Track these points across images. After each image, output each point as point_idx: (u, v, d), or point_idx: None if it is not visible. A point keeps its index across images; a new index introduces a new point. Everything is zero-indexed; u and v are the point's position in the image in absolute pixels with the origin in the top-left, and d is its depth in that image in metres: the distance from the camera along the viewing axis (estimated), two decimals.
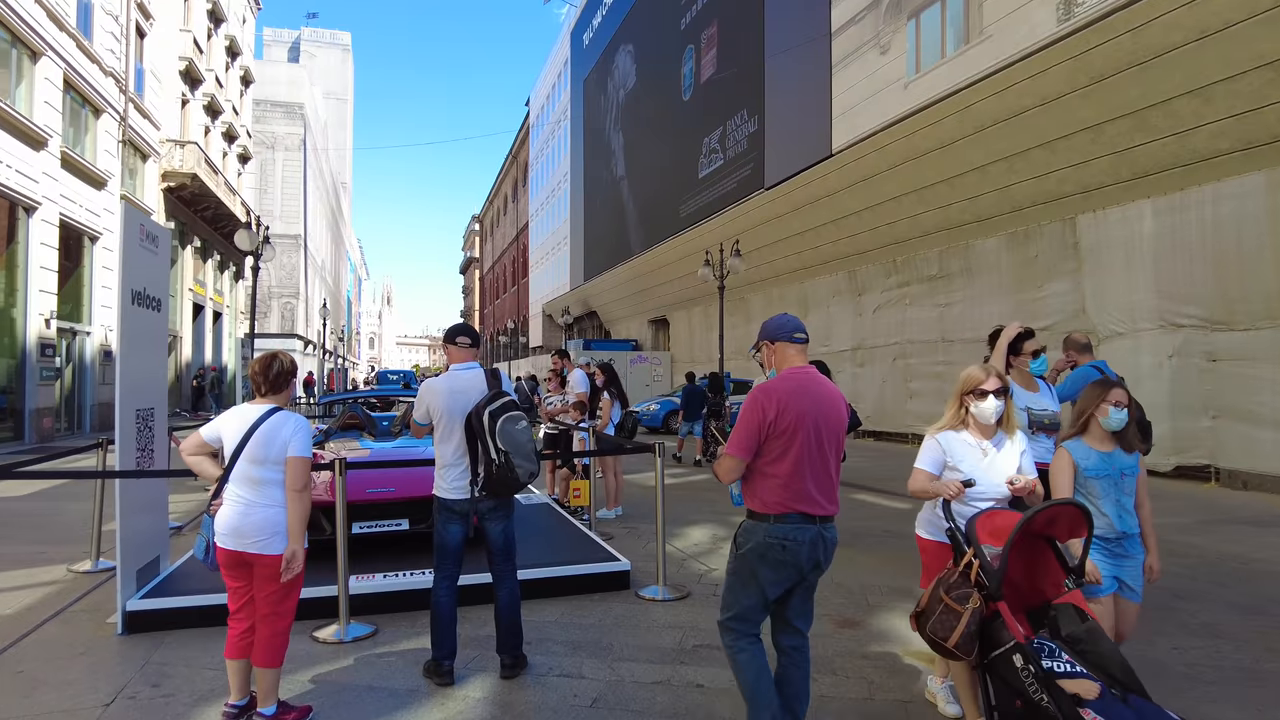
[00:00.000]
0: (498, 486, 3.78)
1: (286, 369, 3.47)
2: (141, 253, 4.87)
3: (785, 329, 3.09)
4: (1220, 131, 10.15)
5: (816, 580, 3.05)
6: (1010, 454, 3.31)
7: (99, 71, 19.16)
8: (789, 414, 2.89)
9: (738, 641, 2.99)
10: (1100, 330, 12.15)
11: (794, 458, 2.89)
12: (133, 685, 3.83)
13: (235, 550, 3.29)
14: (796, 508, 2.88)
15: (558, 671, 4.02)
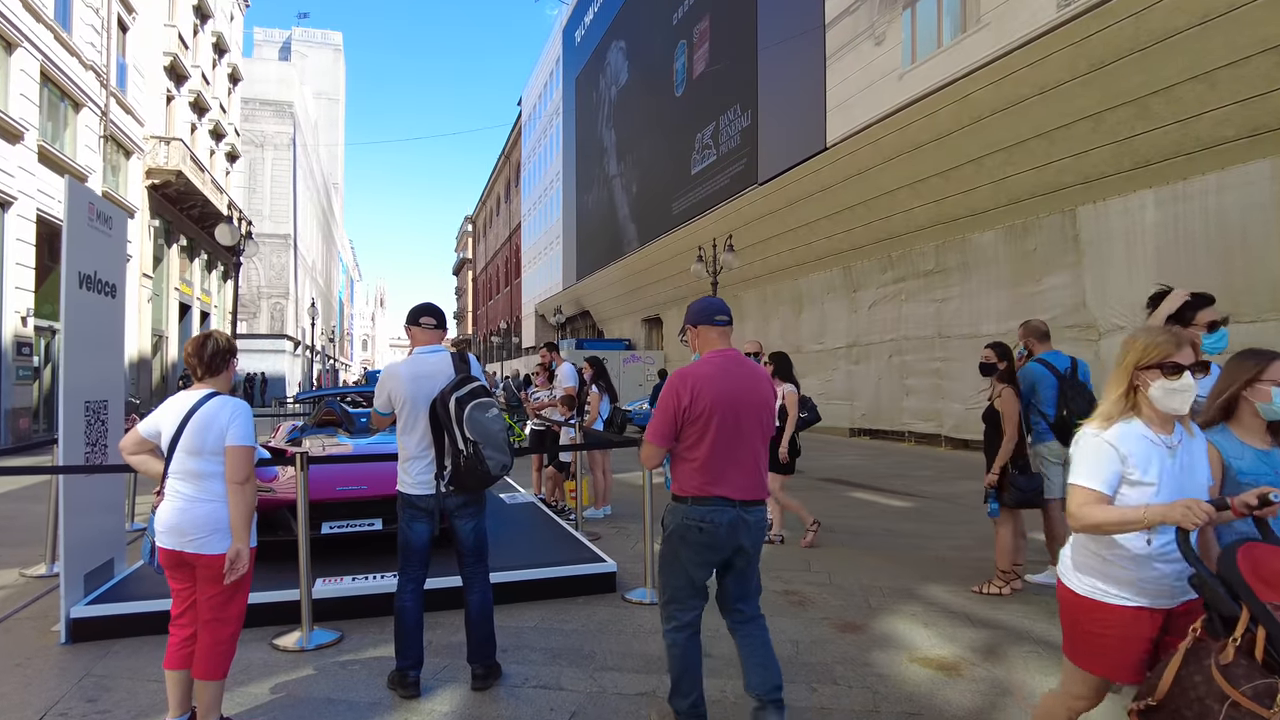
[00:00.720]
0: (467, 480, 3.45)
1: (223, 348, 3.14)
2: (91, 233, 4.53)
3: (706, 312, 3.08)
4: (1225, 118, 9.89)
5: (745, 563, 3.03)
6: (1200, 456, 2.34)
7: (78, 65, 18.75)
8: (704, 398, 2.88)
9: (673, 633, 3.04)
10: (1101, 324, 11.89)
11: (710, 441, 2.89)
12: (66, 700, 3.49)
13: (175, 550, 2.97)
14: (714, 491, 2.89)
15: (534, 682, 3.70)
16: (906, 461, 13.26)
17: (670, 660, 3.07)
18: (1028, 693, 3.55)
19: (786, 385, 6.64)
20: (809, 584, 5.44)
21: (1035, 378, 5.40)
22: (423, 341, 3.68)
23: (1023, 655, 4.02)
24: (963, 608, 4.86)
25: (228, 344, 3.17)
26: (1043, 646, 4.14)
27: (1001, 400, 5.25)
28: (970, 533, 7.09)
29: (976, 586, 5.24)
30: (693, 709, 3.03)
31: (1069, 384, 5.32)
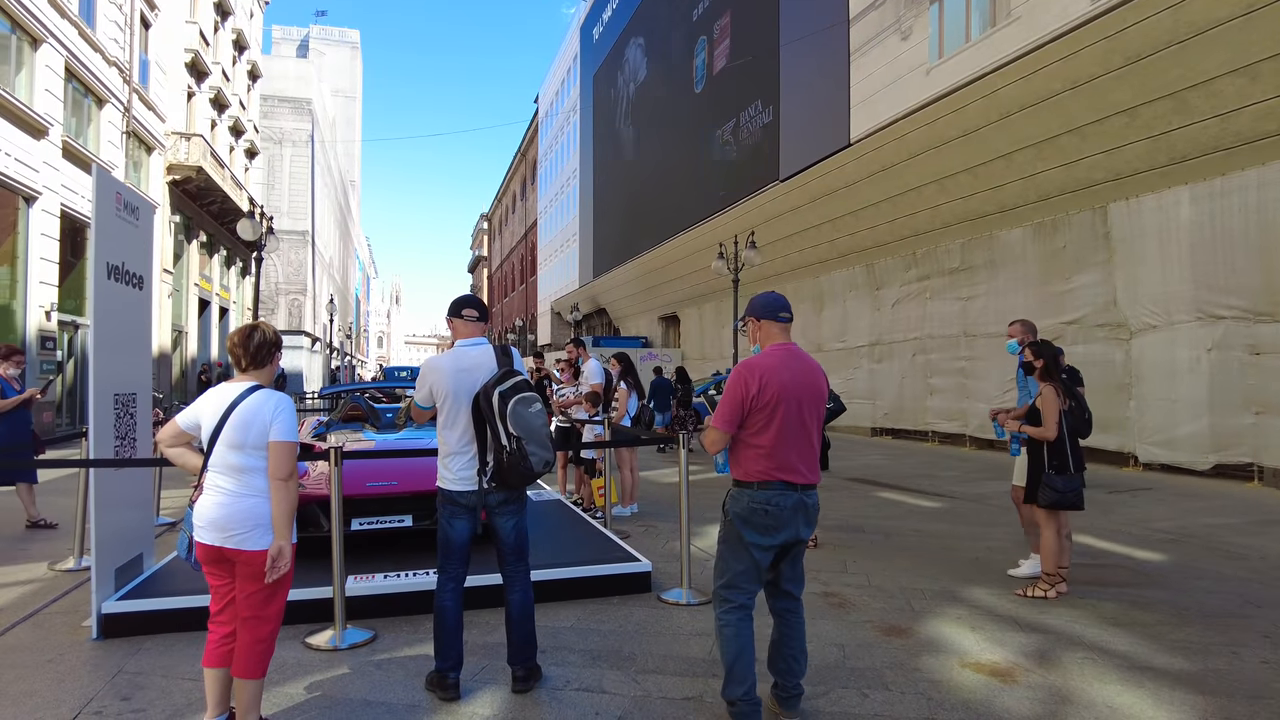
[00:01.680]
0: (509, 476, 3.34)
1: (270, 340, 3.05)
2: (118, 223, 4.47)
3: (771, 308, 3.24)
4: (1267, 112, 9.64)
5: (801, 548, 3.20)
6: None
7: (102, 61, 18.83)
8: (771, 388, 3.04)
9: (727, 614, 3.09)
10: (1133, 323, 11.66)
11: (776, 429, 3.05)
12: (100, 698, 3.42)
13: (215, 545, 2.88)
14: (779, 476, 3.04)
15: (576, 685, 3.59)
16: (931, 461, 13.07)
17: (723, 644, 3.09)
18: (1087, 703, 3.41)
19: None
20: (847, 586, 5.31)
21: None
22: (465, 334, 3.58)
23: (1077, 662, 3.88)
24: (1009, 611, 4.71)
25: (275, 336, 3.08)
26: (1096, 653, 4.00)
27: (1042, 399, 5.11)
28: (1005, 534, 6.92)
29: (1021, 590, 5.09)
30: (747, 696, 3.02)
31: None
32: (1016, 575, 5.53)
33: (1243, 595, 5.07)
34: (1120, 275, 11.94)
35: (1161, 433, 11.16)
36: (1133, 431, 11.61)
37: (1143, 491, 9.65)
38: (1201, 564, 5.94)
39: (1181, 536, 6.94)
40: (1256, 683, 3.63)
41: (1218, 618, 4.60)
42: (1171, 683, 3.62)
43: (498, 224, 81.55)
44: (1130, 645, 4.12)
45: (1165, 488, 9.93)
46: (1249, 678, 3.69)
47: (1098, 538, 6.83)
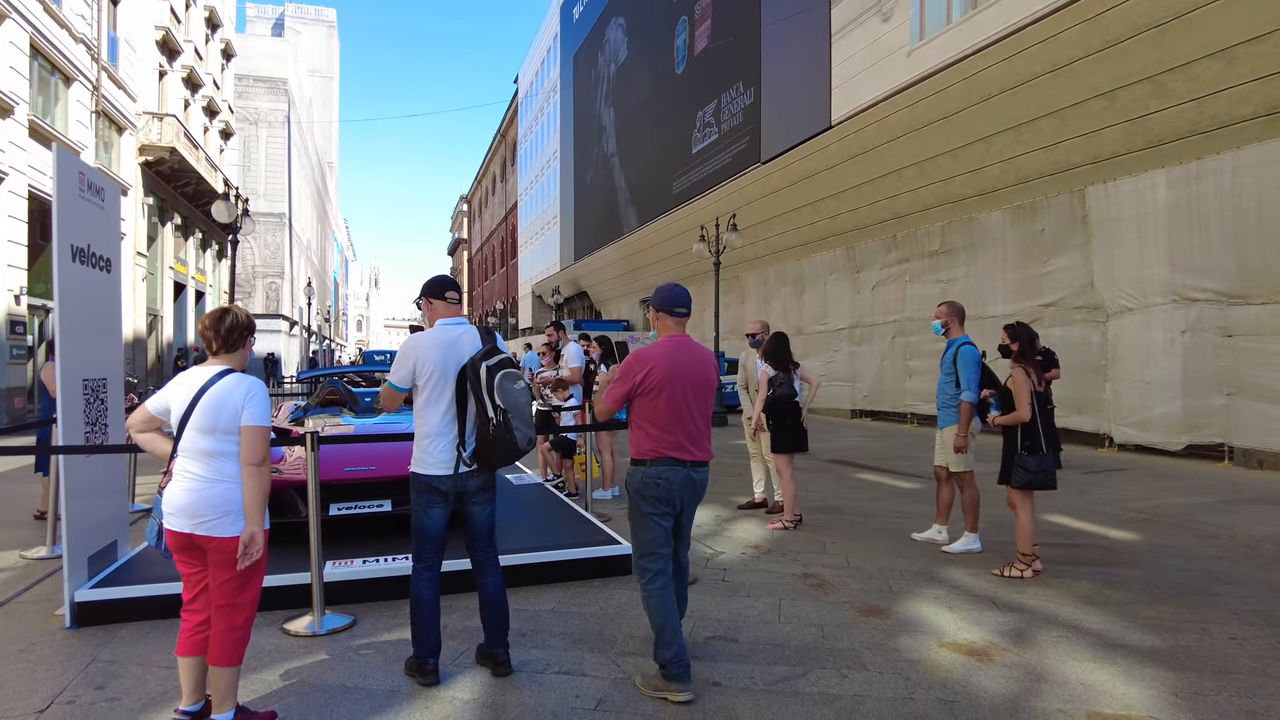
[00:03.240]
0: (493, 452, 3.31)
1: (242, 323, 2.99)
2: (82, 204, 4.36)
3: (668, 303, 3.54)
4: (1242, 96, 9.72)
5: (689, 518, 3.56)
6: None
7: (69, 38, 18.36)
8: (656, 375, 3.37)
9: (649, 584, 3.37)
10: (1109, 305, 11.78)
11: (663, 412, 3.38)
12: (74, 687, 3.38)
13: (185, 532, 2.83)
14: (667, 454, 3.37)
15: (556, 668, 3.59)
16: (910, 443, 13.18)
17: (650, 612, 3.36)
18: (1061, 680, 3.46)
19: (763, 366, 6.69)
20: (826, 567, 5.35)
21: (974, 360, 5.72)
22: (445, 314, 3.54)
23: (1052, 640, 3.94)
24: (985, 591, 4.77)
25: (247, 320, 3.02)
26: (1071, 631, 4.06)
27: (1014, 380, 5.17)
28: (983, 516, 6.98)
29: (997, 569, 5.15)
30: (677, 658, 3.24)
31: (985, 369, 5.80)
32: (919, 539, 6.07)
33: (1212, 573, 5.17)
34: (1097, 258, 12.05)
35: (1136, 414, 11.32)
36: (1108, 413, 11.76)
37: (1117, 472, 9.80)
38: (1173, 543, 6.04)
39: (1154, 516, 7.05)
40: (1224, 658, 3.70)
41: (1188, 595, 4.68)
42: (1143, 659, 3.68)
43: (478, 206, 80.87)
44: (1104, 623, 4.18)
45: (1139, 468, 10.08)
46: (1217, 653, 3.76)
47: (1073, 518, 6.93)
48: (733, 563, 5.48)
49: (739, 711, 3.15)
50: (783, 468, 6.65)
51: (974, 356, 5.72)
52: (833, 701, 3.24)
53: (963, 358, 5.72)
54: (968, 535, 5.78)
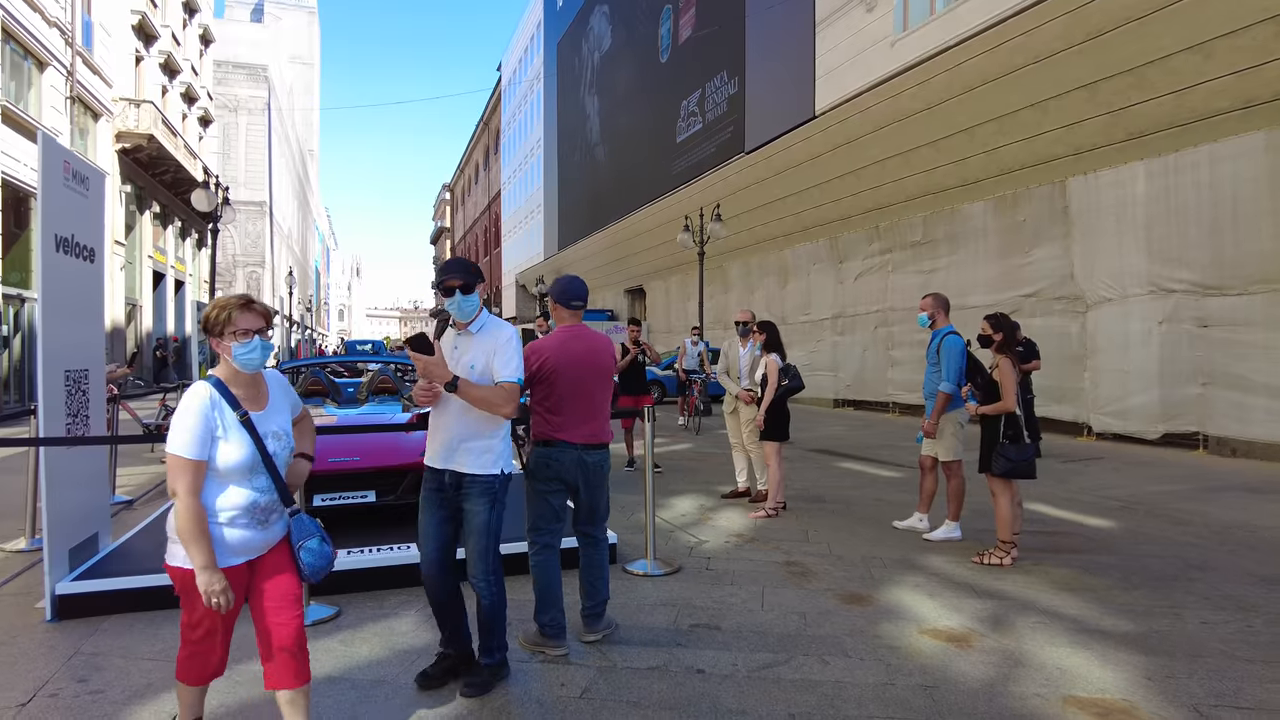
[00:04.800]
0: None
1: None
2: (66, 193, 4.31)
3: (565, 295, 3.79)
4: (1220, 89, 9.84)
5: (590, 495, 3.78)
6: None
7: (41, 21, 18.04)
8: (549, 365, 3.62)
9: (537, 555, 3.69)
10: (1089, 296, 11.91)
11: (556, 398, 3.64)
12: (56, 680, 3.36)
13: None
14: (558, 436, 3.64)
15: (542, 657, 3.62)
16: (892, 432, 13.30)
17: (535, 579, 3.67)
18: (1038, 665, 3.53)
19: (770, 355, 6.67)
20: (809, 555, 5.40)
21: (959, 350, 5.79)
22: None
23: (1030, 626, 4.01)
24: (965, 578, 4.84)
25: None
26: (1048, 617, 4.13)
27: (999, 371, 5.24)
28: (966, 504, 7.08)
29: (977, 556, 5.23)
30: (553, 622, 3.61)
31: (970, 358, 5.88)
32: (900, 527, 6.16)
33: (1185, 559, 5.27)
34: (1078, 249, 12.17)
35: (1114, 403, 11.48)
36: (1087, 402, 11.92)
37: (1095, 460, 9.94)
38: (1149, 530, 6.15)
39: (1131, 504, 7.17)
40: (1196, 642, 3.78)
41: (1162, 581, 4.78)
42: (1117, 644, 3.76)
43: (460, 194, 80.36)
44: (1080, 609, 4.26)
45: (1116, 456, 10.23)
46: (1189, 638, 3.84)
47: (1052, 506, 7.03)
48: (716, 551, 5.52)
49: (722, 699, 3.20)
50: (771, 455, 6.70)
51: (959, 347, 5.79)
52: (815, 688, 3.29)
53: (946, 348, 5.79)
54: (949, 523, 5.86)
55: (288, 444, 2.59)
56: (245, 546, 2.45)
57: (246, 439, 2.43)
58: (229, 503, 2.41)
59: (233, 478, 2.42)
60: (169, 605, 4.21)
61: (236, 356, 2.45)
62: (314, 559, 2.55)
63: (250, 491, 2.44)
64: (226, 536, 2.40)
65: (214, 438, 2.38)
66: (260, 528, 2.48)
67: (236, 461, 2.40)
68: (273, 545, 2.55)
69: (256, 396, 2.55)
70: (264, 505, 2.47)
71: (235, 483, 2.42)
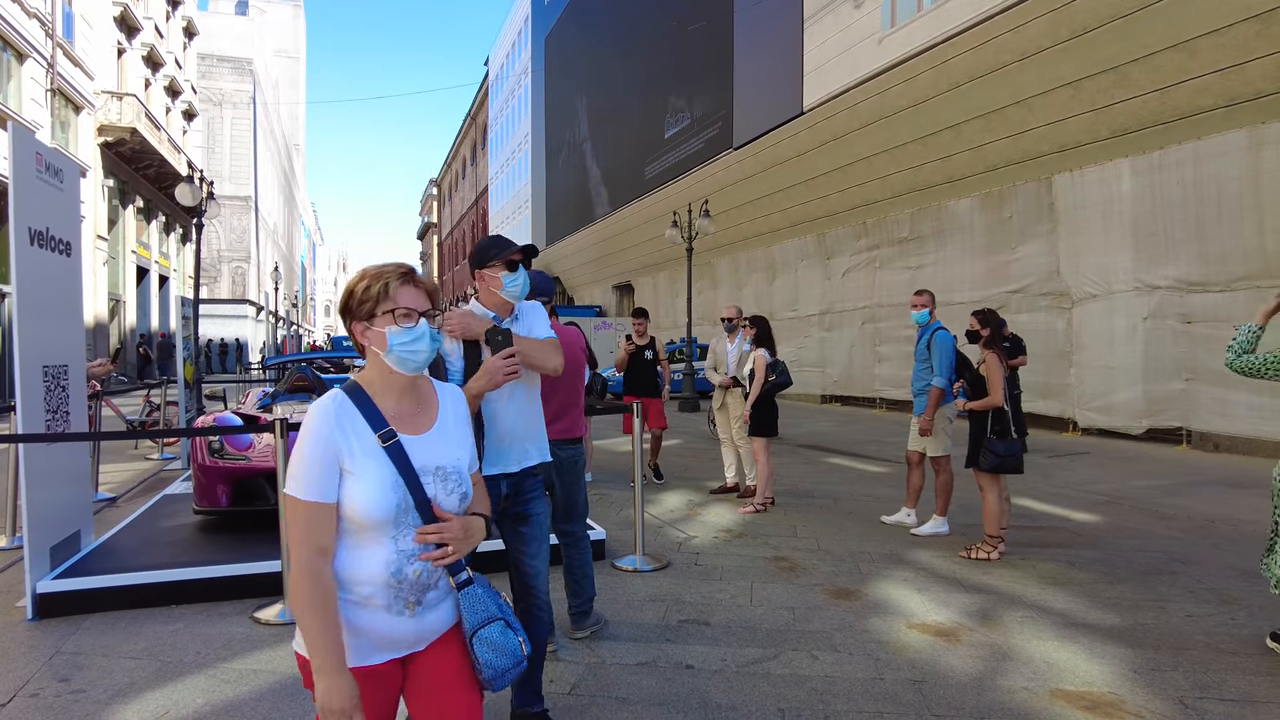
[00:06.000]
0: None
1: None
2: (40, 186, 4.24)
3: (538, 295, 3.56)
4: (1203, 87, 9.91)
5: (566, 493, 3.77)
6: None
7: (20, 12, 17.79)
8: None
9: None
10: (1075, 292, 11.99)
11: None
12: (37, 680, 3.32)
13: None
14: None
15: None
16: (879, 428, 13.35)
17: None
18: (1026, 659, 3.55)
19: (759, 350, 6.66)
20: (797, 550, 5.41)
21: (950, 344, 5.85)
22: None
23: (1018, 620, 4.03)
24: (953, 573, 4.86)
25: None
26: (1035, 611, 4.15)
27: (986, 366, 5.26)
28: (952, 499, 7.11)
29: (964, 551, 5.25)
30: None
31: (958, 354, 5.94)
32: (888, 522, 6.18)
33: (1169, 553, 5.31)
34: (1063, 245, 12.25)
35: (1099, 399, 11.56)
36: (1072, 397, 12.00)
37: (1080, 456, 10.01)
38: (1133, 524, 6.20)
39: (1116, 498, 7.23)
40: (1180, 635, 3.81)
41: (1147, 575, 4.81)
42: (1104, 637, 3.78)
43: (448, 190, 80.00)
44: (1067, 603, 4.29)
45: (1101, 451, 10.31)
46: (1174, 631, 3.87)
47: (1038, 500, 7.07)
48: (705, 547, 5.52)
49: (712, 694, 3.19)
50: (760, 451, 6.70)
51: (949, 342, 5.82)
52: (804, 683, 3.29)
53: (937, 343, 5.82)
54: (936, 518, 5.88)
55: (459, 488, 1.68)
56: (389, 639, 1.61)
57: (390, 474, 1.58)
58: (362, 572, 1.57)
59: (367, 534, 1.57)
60: (151, 604, 4.18)
61: (394, 348, 1.64)
62: (494, 656, 1.64)
63: (393, 556, 1.58)
64: (360, 622, 1.58)
65: (340, 470, 1.57)
66: (409, 612, 1.61)
67: (370, 508, 1.55)
68: (435, 637, 1.67)
69: (415, 413, 1.71)
70: (415, 578, 1.60)
71: (371, 542, 1.58)
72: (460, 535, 1.65)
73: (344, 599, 1.57)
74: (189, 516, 5.71)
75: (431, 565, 1.62)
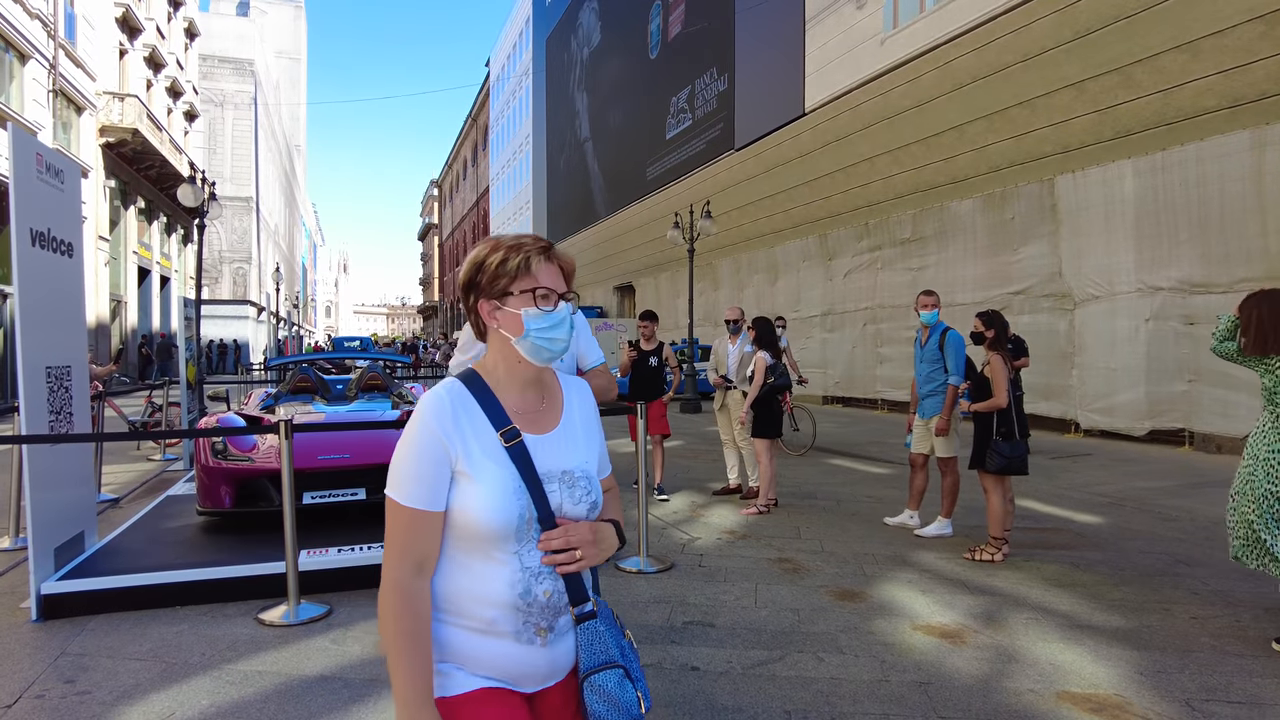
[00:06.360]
0: None
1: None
2: (41, 186, 4.24)
3: None
4: (1206, 88, 9.91)
5: None
6: None
7: (23, 13, 17.80)
8: None
9: None
10: (1077, 294, 11.98)
11: None
12: (42, 681, 3.32)
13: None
14: None
15: None
16: (881, 429, 13.34)
17: None
18: (1031, 661, 3.54)
19: (760, 352, 6.66)
20: (801, 551, 5.40)
21: (962, 344, 5.87)
22: None
23: (1023, 622, 4.02)
24: (957, 574, 4.86)
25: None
26: (1040, 613, 4.15)
27: (991, 368, 5.26)
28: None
29: (968, 553, 5.24)
30: None
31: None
32: (891, 523, 6.15)
33: (1174, 555, 5.31)
34: (1066, 247, 12.23)
35: (1101, 400, 11.55)
36: (1074, 399, 11.99)
37: (1083, 457, 10.00)
38: (1137, 526, 6.19)
39: (1119, 500, 7.22)
40: (1186, 637, 3.80)
41: (1151, 577, 4.81)
42: (1109, 639, 3.78)
43: (449, 190, 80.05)
44: (1071, 605, 4.28)
45: (1104, 453, 10.30)
46: (1180, 633, 3.86)
47: (1041, 502, 7.07)
48: (709, 548, 5.52)
49: (718, 696, 3.19)
50: (762, 452, 6.70)
51: (962, 342, 5.82)
52: (810, 684, 3.29)
53: (951, 343, 5.83)
54: (940, 520, 5.87)
55: (588, 497, 1.44)
56: (520, 673, 1.37)
57: (512, 478, 1.35)
58: (485, 593, 1.34)
59: (486, 548, 1.34)
60: (155, 605, 4.18)
61: (531, 333, 1.39)
62: (606, 709, 1.35)
63: (519, 574, 1.35)
64: (485, 653, 1.35)
65: (452, 473, 1.34)
66: (540, 639, 1.37)
67: (490, 517, 1.32)
68: (565, 673, 1.43)
69: (539, 409, 1.47)
70: (546, 600, 1.37)
71: (491, 558, 1.35)
72: (590, 538, 1.40)
73: (462, 626, 1.35)
74: (193, 517, 5.71)
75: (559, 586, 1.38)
